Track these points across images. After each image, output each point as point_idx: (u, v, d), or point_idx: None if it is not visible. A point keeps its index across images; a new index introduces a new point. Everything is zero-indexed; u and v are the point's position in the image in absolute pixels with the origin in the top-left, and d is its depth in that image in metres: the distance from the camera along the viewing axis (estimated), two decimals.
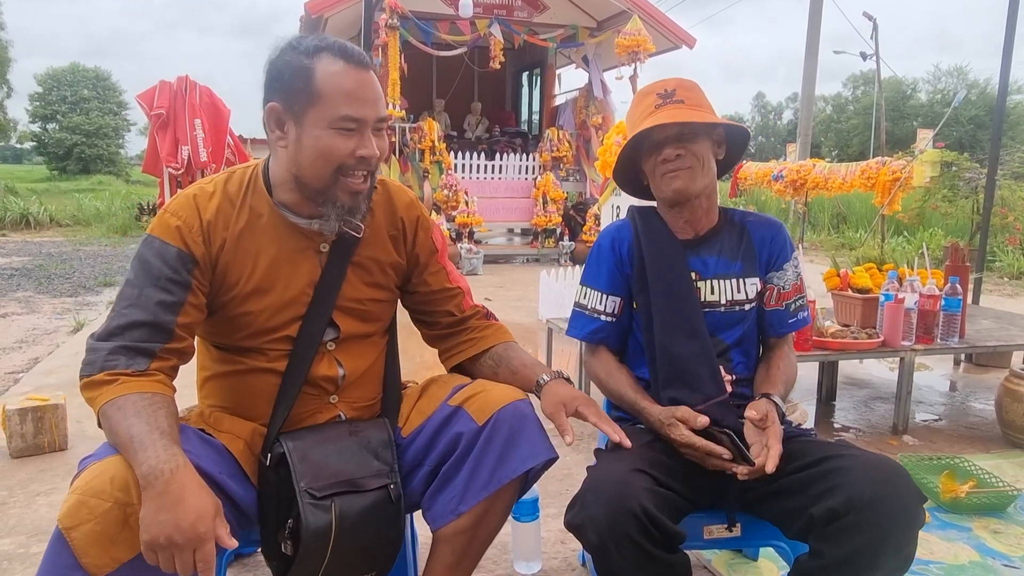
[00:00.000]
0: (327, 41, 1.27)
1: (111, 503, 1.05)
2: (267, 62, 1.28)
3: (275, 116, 1.28)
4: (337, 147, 1.25)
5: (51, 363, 3.98)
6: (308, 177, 1.28)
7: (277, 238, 1.34)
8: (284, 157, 1.30)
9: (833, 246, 11.24)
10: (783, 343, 1.65)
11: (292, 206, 1.34)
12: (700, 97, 1.56)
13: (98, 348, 1.20)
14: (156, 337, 1.22)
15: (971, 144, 25.57)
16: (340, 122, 1.24)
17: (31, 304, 5.93)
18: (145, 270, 1.25)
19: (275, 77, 1.27)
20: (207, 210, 1.30)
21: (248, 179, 1.36)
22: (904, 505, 1.22)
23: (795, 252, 1.67)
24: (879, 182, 7.85)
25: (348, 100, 1.24)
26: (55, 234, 12.70)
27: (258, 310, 1.34)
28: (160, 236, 1.27)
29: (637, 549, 1.22)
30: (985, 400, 3.59)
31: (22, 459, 2.60)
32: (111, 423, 1.12)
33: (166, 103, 6.17)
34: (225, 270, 1.31)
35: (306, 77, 1.23)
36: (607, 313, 1.63)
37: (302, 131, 1.26)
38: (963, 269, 3.30)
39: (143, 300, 1.23)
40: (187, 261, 1.27)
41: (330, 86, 1.23)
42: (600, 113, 10.16)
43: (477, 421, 1.35)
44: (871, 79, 31.93)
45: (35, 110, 36.86)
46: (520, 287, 6.84)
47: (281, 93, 1.26)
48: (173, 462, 1.07)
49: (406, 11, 8.80)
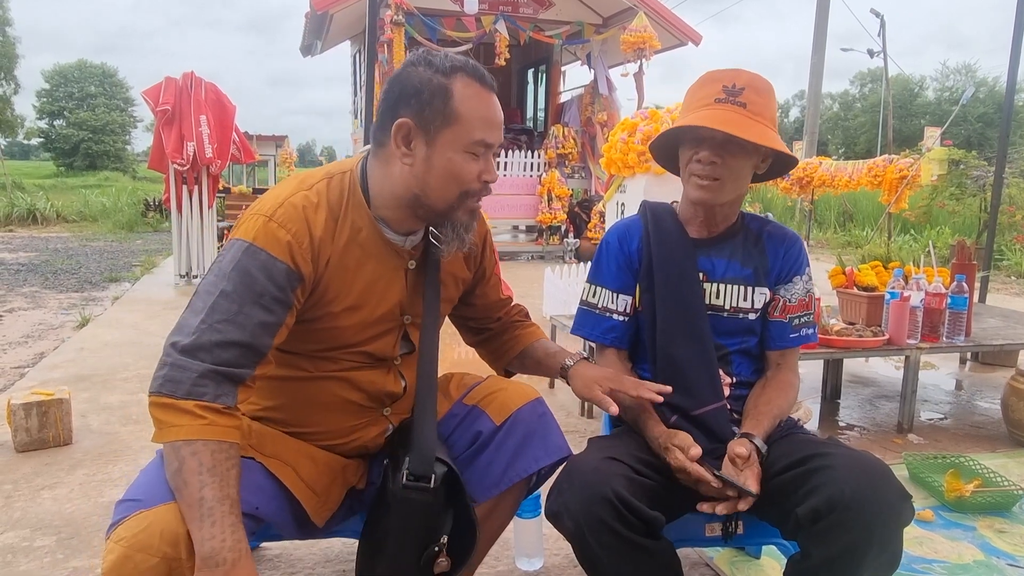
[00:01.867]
0: (461, 61, 1.25)
1: (158, 559, 1.03)
2: (396, 77, 1.25)
3: (404, 132, 1.23)
4: (467, 170, 1.24)
5: (56, 358, 3.99)
6: (433, 198, 1.25)
7: (374, 255, 1.30)
8: (407, 175, 1.25)
9: (839, 244, 11.20)
10: (785, 364, 1.58)
11: (391, 222, 1.31)
12: (766, 105, 1.45)
13: (185, 367, 1.09)
14: (249, 360, 1.14)
15: (979, 142, 25.45)
16: (474, 146, 1.23)
17: (37, 299, 5.95)
18: (247, 285, 1.14)
19: (411, 93, 1.22)
20: (316, 225, 1.22)
21: (348, 188, 1.29)
22: (887, 503, 1.21)
23: (808, 268, 1.61)
24: (886, 180, 7.81)
25: (484, 124, 1.23)
26: (61, 230, 12.75)
27: (347, 326, 1.30)
28: (268, 249, 1.17)
29: (613, 535, 1.22)
30: (991, 399, 3.57)
31: (27, 453, 2.60)
32: (183, 469, 1.06)
33: (172, 99, 6.17)
34: (326, 287, 1.26)
35: (445, 97, 1.21)
36: (619, 312, 1.59)
37: (433, 151, 1.23)
38: (970, 267, 3.29)
39: (243, 319, 1.13)
40: (294, 280, 1.19)
41: (469, 109, 1.22)
42: (605, 110, 10.14)
43: (495, 421, 1.38)
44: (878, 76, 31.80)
45: (42, 106, 37.04)
46: (525, 284, 6.83)
47: (416, 110, 1.22)
48: (236, 551, 1.05)
49: (411, 7, 8.79)
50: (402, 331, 1.38)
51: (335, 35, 10.94)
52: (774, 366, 1.59)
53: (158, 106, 6.16)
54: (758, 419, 1.46)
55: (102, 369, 3.74)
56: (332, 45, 11.83)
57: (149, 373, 1.15)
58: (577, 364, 1.49)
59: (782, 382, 1.55)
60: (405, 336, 1.39)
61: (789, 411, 1.55)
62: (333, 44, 11.78)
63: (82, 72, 37.71)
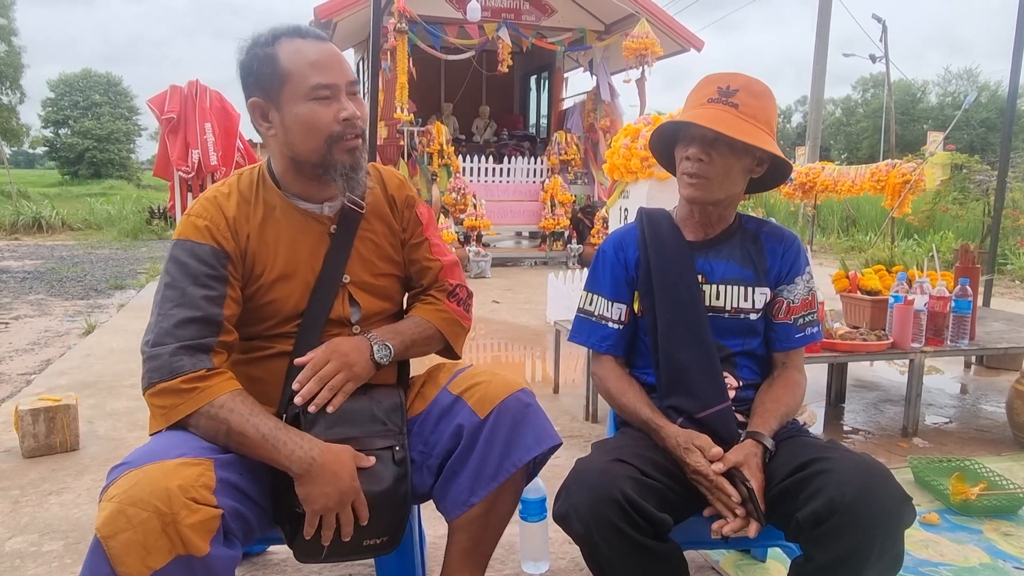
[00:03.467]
0: (281, 27, 1.34)
1: (150, 512, 1.06)
2: (237, 65, 1.35)
3: (258, 110, 1.35)
4: (319, 116, 1.31)
5: (63, 364, 4.01)
6: (304, 153, 1.34)
7: (292, 226, 1.40)
8: (277, 144, 1.36)
9: (842, 249, 11.19)
10: (791, 364, 1.59)
11: (301, 194, 1.42)
12: (761, 108, 1.46)
13: (158, 354, 1.22)
14: (208, 331, 1.26)
15: (982, 147, 25.43)
16: (314, 91, 1.30)
17: (43, 307, 5.98)
18: (182, 271, 1.29)
19: (247, 73, 1.34)
20: (228, 208, 1.36)
21: (257, 177, 1.43)
22: (887, 505, 1.21)
23: (808, 267, 1.62)
24: (889, 185, 7.81)
25: (315, 70, 1.31)
26: (67, 238, 12.81)
27: (284, 296, 1.38)
28: (191, 238, 1.32)
29: (622, 537, 1.22)
30: (996, 402, 3.56)
31: (34, 459, 2.62)
32: (229, 425, 1.21)
33: (177, 107, 6.22)
34: (252, 261, 1.37)
35: (272, 63, 1.31)
36: (614, 320, 1.61)
37: (283, 113, 1.32)
38: (973, 271, 3.29)
39: (188, 298, 1.26)
40: (221, 257, 1.32)
41: (295, 62, 1.30)
42: (608, 116, 10.18)
43: (479, 414, 1.38)
44: (880, 82, 31.81)
45: (47, 115, 37.17)
46: (528, 290, 6.84)
47: (256, 86, 1.33)
48: (315, 448, 1.23)
49: (415, 15, 8.84)
50: (345, 292, 1.44)
51: (339, 43, 10.99)
52: (780, 366, 1.60)
53: (163, 114, 6.21)
54: (765, 417, 1.47)
55: (108, 375, 3.75)
56: None
57: None
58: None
59: (789, 380, 1.56)
60: (352, 299, 1.44)
61: (797, 410, 1.55)
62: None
63: (87, 81, 37.87)
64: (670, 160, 1.63)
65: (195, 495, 1.09)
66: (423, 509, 1.70)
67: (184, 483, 1.09)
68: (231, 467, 1.20)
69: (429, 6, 9.22)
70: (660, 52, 9.19)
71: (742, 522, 1.33)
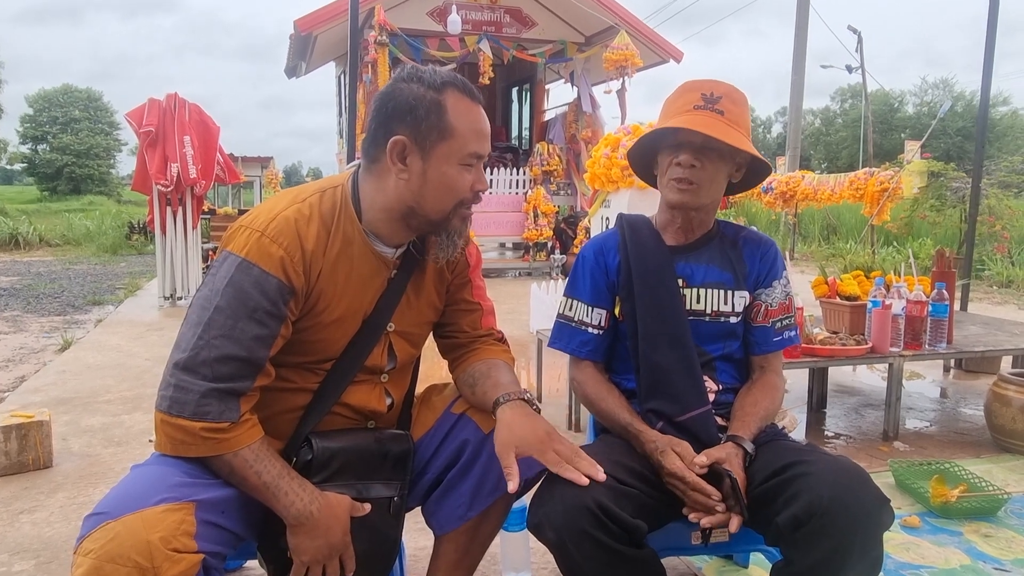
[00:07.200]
0: (450, 76, 1.27)
1: (130, 568, 1.02)
2: (387, 93, 1.26)
3: (399, 149, 1.24)
4: (461, 181, 1.27)
5: (37, 381, 3.94)
6: (429, 210, 1.28)
7: (365, 266, 1.32)
8: (402, 188, 1.26)
9: (823, 257, 11.29)
10: (770, 367, 1.60)
11: (382, 234, 1.32)
12: (741, 115, 1.50)
13: (187, 387, 1.13)
14: (247, 373, 1.17)
15: (959, 155, 25.81)
16: (467, 158, 1.26)
17: (19, 323, 5.88)
18: (240, 300, 1.17)
19: (405, 110, 1.23)
20: (308, 238, 1.24)
21: (340, 201, 1.30)
22: (865, 508, 1.21)
23: (785, 272, 1.64)
24: (867, 193, 7.90)
25: (476, 137, 1.27)
26: (44, 254, 12.65)
27: (334, 338, 1.31)
28: (260, 264, 1.19)
29: (595, 544, 1.21)
30: (975, 406, 3.59)
31: (6, 477, 2.56)
32: (232, 467, 1.17)
33: (155, 120, 6.16)
34: (317, 299, 1.27)
35: (439, 113, 1.23)
36: (594, 325, 1.61)
37: (429, 165, 1.25)
38: (949, 275, 3.32)
39: (238, 333, 1.16)
40: (286, 293, 1.21)
41: (463, 124, 1.25)
42: (589, 127, 10.24)
43: (483, 429, 1.37)
44: (858, 92, 32.26)
45: (25, 131, 36.84)
46: (512, 300, 6.83)
47: (410, 126, 1.24)
48: (315, 502, 1.22)
49: (395, 28, 8.87)
50: (387, 341, 1.38)
51: (319, 56, 11.00)
52: (759, 369, 1.61)
53: (141, 128, 6.15)
54: (745, 421, 1.46)
55: (84, 391, 3.69)
56: (317, 66, 11.90)
57: (132, 395, 1.17)
58: (509, 405, 1.33)
59: (768, 384, 1.57)
60: (391, 349, 1.39)
61: (776, 413, 1.56)
62: (317, 65, 11.84)
63: (67, 96, 37.60)
64: (647, 169, 1.64)
65: (176, 545, 1.05)
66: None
67: (166, 534, 1.04)
68: (214, 507, 1.15)
69: (410, 19, 9.25)
70: (640, 63, 9.27)
71: (723, 516, 1.33)
